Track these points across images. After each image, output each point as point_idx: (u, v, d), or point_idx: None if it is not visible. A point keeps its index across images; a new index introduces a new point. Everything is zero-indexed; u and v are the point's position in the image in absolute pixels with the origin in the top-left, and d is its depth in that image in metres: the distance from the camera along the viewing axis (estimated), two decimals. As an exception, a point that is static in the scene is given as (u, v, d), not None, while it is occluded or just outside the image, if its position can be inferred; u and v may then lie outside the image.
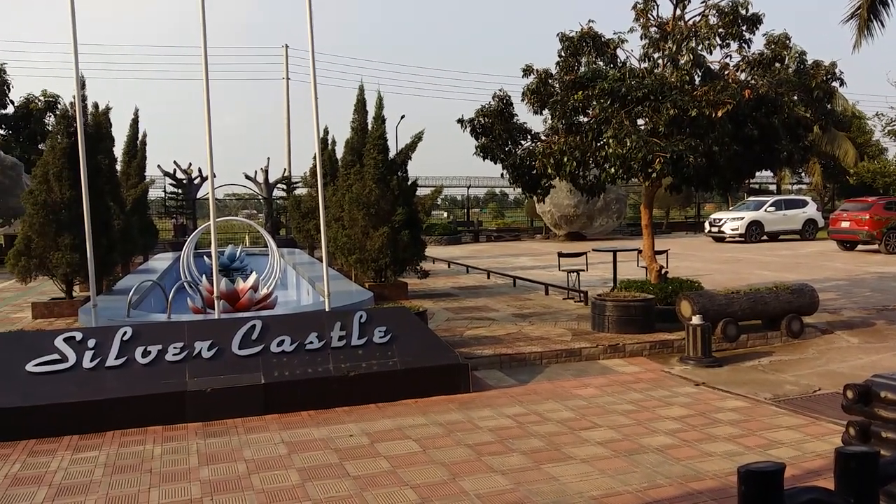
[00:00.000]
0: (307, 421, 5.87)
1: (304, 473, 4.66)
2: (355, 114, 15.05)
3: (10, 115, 26.50)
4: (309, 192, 21.55)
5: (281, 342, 6.49)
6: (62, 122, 11.31)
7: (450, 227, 33.70)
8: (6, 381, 5.74)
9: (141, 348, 6.13)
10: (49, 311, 11.03)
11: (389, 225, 12.21)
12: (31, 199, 11.05)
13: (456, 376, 6.68)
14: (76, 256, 10.67)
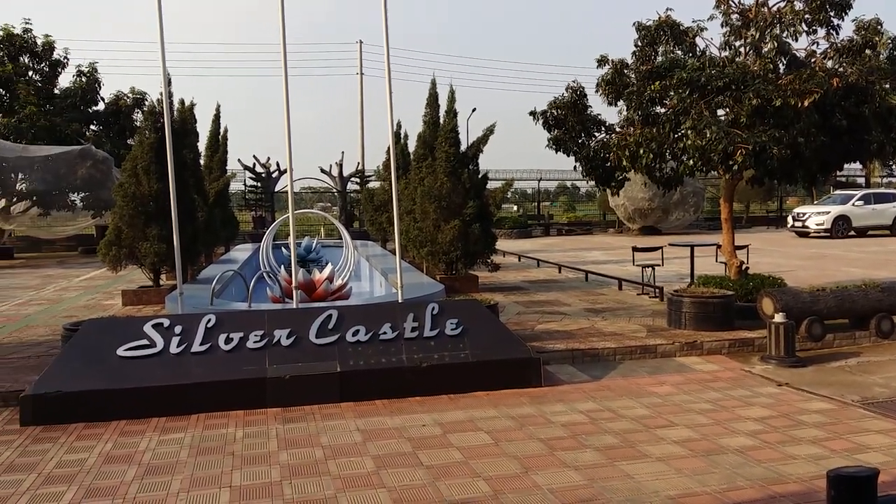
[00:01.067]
0: (381, 410, 5.98)
1: (378, 461, 4.76)
2: (427, 108, 15.15)
3: (101, 112, 27.85)
4: (382, 185, 21.83)
5: (356, 332, 6.62)
6: (150, 118, 11.85)
7: (520, 220, 33.53)
8: (100, 365, 6.07)
9: (224, 335, 6.37)
10: (138, 298, 11.59)
11: (460, 218, 12.25)
12: (121, 191, 11.64)
13: (527, 370, 6.66)
14: (163, 246, 11.17)
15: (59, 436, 5.41)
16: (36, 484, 4.45)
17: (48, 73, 27.36)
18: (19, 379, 6.67)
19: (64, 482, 4.48)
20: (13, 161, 21.32)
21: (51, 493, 4.32)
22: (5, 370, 7.13)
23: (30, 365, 7.30)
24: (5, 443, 5.27)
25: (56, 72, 27.54)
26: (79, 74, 27.52)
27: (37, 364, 7.25)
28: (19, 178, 21.87)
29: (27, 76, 26.69)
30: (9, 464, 4.82)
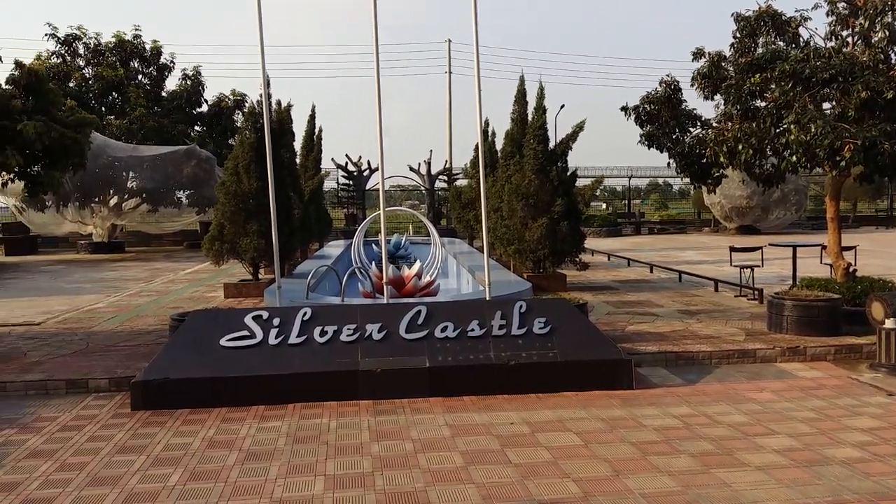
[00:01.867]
0: (469, 406, 6.02)
1: (467, 457, 4.80)
2: (515, 105, 15.09)
3: (204, 114, 29.33)
4: (469, 183, 21.94)
5: (444, 328, 6.69)
6: (250, 119, 12.37)
7: (609, 218, 32.91)
8: (204, 354, 6.40)
9: (319, 328, 6.59)
10: (238, 291, 12.13)
11: (548, 216, 12.15)
12: (223, 189, 12.21)
13: (618, 371, 6.54)
14: (262, 242, 11.65)
15: (166, 420, 5.74)
16: (145, 465, 4.75)
17: (156, 77, 29.03)
18: (131, 366, 7.12)
19: (170, 464, 4.75)
20: (125, 160, 22.74)
21: (159, 474, 4.59)
22: (118, 357, 7.63)
23: (140, 353, 7.78)
24: (118, 425, 5.64)
25: (163, 75, 29.19)
26: (184, 78, 29.05)
27: (146, 352, 7.72)
28: (130, 176, 23.31)
29: (137, 80, 28.40)
30: (121, 445, 5.16)
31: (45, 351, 8.01)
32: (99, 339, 8.65)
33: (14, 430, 5.53)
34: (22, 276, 16.75)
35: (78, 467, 4.71)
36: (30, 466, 4.73)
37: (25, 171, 8.25)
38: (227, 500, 4.15)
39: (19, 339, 8.80)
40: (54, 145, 7.84)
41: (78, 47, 28.17)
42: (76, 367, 7.14)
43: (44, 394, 6.59)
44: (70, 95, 22.37)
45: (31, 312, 10.83)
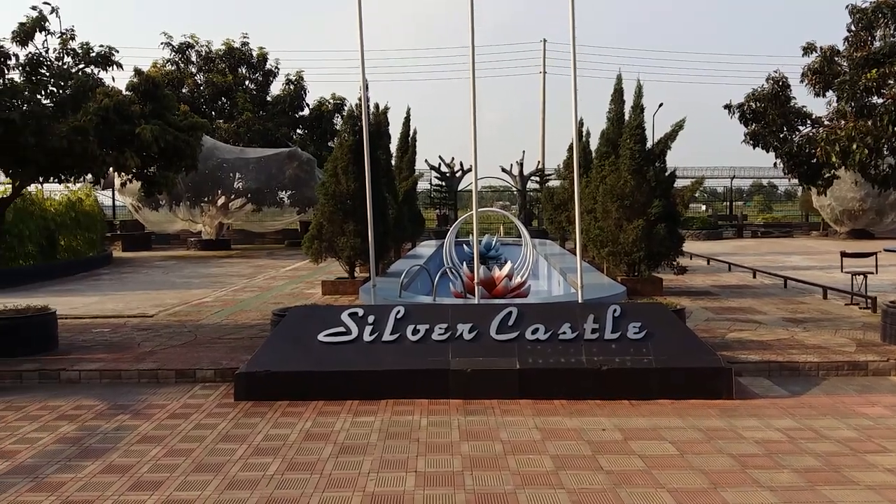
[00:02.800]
0: (559, 409, 5.97)
1: (557, 461, 4.76)
2: (612, 104, 14.81)
3: (306, 117, 30.40)
4: (562, 183, 21.69)
5: (535, 330, 6.66)
6: (348, 122, 12.73)
7: (709, 220, 31.69)
8: (303, 348, 6.64)
9: (411, 326, 6.71)
10: (335, 288, 12.51)
11: (644, 217, 11.85)
12: (322, 190, 12.63)
13: (717, 380, 6.31)
14: (358, 241, 11.97)
15: (266, 411, 6.00)
16: (247, 454, 4.98)
17: (262, 83, 30.32)
18: (235, 357, 7.48)
19: (270, 454, 4.97)
20: (232, 162, 23.89)
21: (259, 463, 4.81)
22: (224, 349, 8.03)
23: (244, 345, 8.16)
24: (222, 414, 5.94)
25: (268, 81, 30.46)
26: (287, 83, 30.21)
27: (249, 345, 8.09)
28: (237, 177, 24.47)
29: (244, 85, 29.75)
30: (225, 434, 5.43)
31: (157, 342, 8.54)
32: (206, 332, 9.14)
33: (128, 415, 5.93)
34: (137, 270, 17.92)
35: (184, 453, 5.00)
36: (141, 451, 5.06)
37: (142, 172, 8.79)
38: (322, 491, 4.30)
39: (134, 329, 9.41)
40: (169, 148, 8.33)
41: (191, 55, 29.82)
42: (185, 358, 7.58)
43: (155, 382, 7.03)
44: (183, 100, 23.74)
45: (144, 305, 11.57)
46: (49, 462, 4.83)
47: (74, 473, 4.62)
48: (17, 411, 6.07)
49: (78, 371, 7.15)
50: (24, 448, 5.12)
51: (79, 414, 5.97)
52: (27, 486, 4.41)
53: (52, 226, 16.97)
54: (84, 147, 7.53)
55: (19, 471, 4.68)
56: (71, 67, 8.43)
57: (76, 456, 4.95)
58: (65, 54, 8.44)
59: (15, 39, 8.04)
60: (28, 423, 5.74)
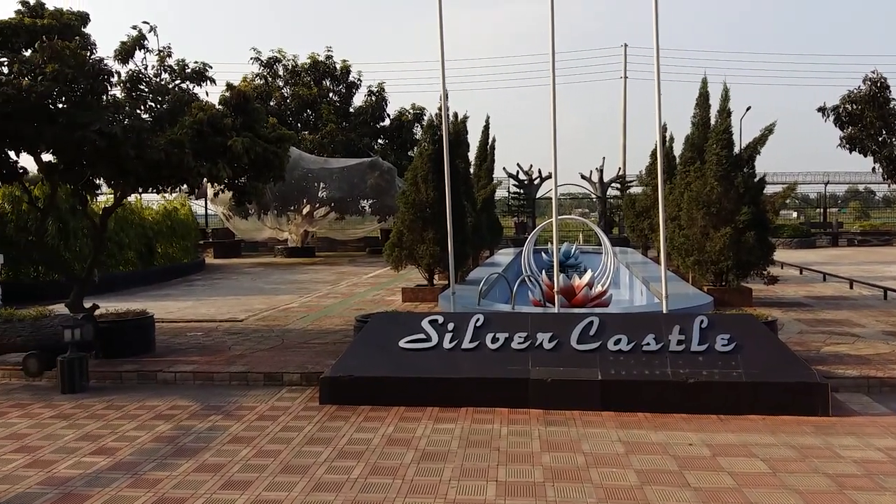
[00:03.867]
0: (643, 423, 5.82)
1: (642, 476, 4.65)
2: (697, 108, 14.37)
3: (386, 127, 30.94)
4: (644, 190, 21.21)
5: (617, 341, 6.53)
6: (428, 132, 12.89)
7: (801, 228, 30.28)
8: (385, 354, 6.75)
9: (491, 334, 6.71)
10: (415, 295, 12.66)
11: (732, 225, 11.44)
12: (403, 198, 12.82)
13: (811, 396, 6.01)
14: (437, 249, 12.09)
15: (349, 415, 6.13)
16: (331, 457, 5.10)
17: (345, 94, 31.07)
18: (320, 362, 7.68)
19: (353, 458, 5.06)
20: (316, 172, 24.58)
21: (343, 466, 4.91)
22: (309, 353, 8.26)
23: (328, 350, 8.36)
24: (307, 417, 6.10)
25: (351, 92, 31.18)
26: (369, 94, 30.84)
27: (334, 350, 8.28)
28: (321, 186, 25.15)
29: (328, 97, 30.56)
30: (310, 437, 5.58)
31: (247, 345, 8.86)
32: (292, 337, 9.42)
33: (220, 416, 6.18)
34: (228, 276, 18.67)
35: (272, 454, 5.16)
36: (232, 451, 5.27)
37: (234, 183, 9.17)
38: (405, 497, 4.35)
39: (225, 333, 9.81)
40: (258, 159, 8.65)
41: (278, 69, 30.88)
42: (273, 362, 7.83)
43: (245, 385, 7.29)
44: (271, 113, 24.59)
45: (235, 310, 12.03)
46: (147, 459, 5.09)
47: (170, 471, 4.84)
48: (118, 410, 6.43)
49: (173, 373, 7.51)
50: (124, 445, 5.41)
51: (174, 414, 6.26)
52: (127, 483, 4.66)
53: (150, 234, 17.90)
54: (180, 159, 7.92)
55: (120, 467, 4.95)
56: (168, 83, 8.89)
57: (171, 454, 5.20)
58: (162, 71, 8.91)
59: (117, 58, 8.54)
60: (127, 421, 6.06)
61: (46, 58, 7.64)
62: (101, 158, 7.76)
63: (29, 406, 6.62)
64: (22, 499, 4.38)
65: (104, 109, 8.02)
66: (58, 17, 8.26)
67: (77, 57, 7.79)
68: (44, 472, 4.86)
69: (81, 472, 4.83)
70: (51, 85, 7.56)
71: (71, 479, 4.72)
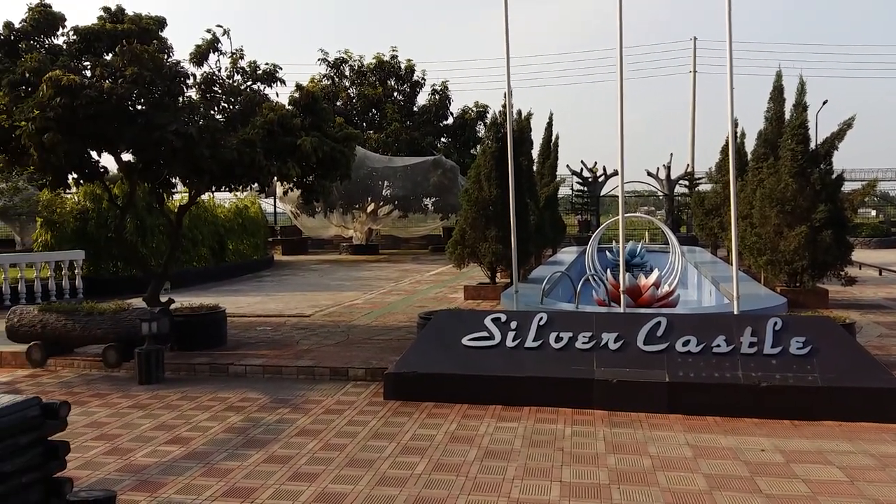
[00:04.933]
0: (713, 426, 5.67)
1: (711, 481, 4.53)
2: (770, 102, 13.92)
3: (450, 126, 31.07)
4: (713, 187, 20.62)
5: (686, 342, 6.38)
6: (491, 129, 12.88)
7: (881, 227, 28.91)
8: (448, 352, 6.78)
9: (554, 334, 6.65)
10: (477, 293, 12.68)
11: (808, 224, 11.02)
12: (465, 196, 12.85)
13: (892, 403, 5.73)
14: (500, 247, 12.06)
15: (413, 411, 6.18)
16: (395, 452, 5.16)
17: (409, 94, 31.36)
18: (384, 358, 7.78)
19: (416, 454, 5.11)
20: (381, 171, 24.89)
21: (407, 462, 4.96)
22: (374, 349, 8.37)
23: (392, 346, 8.46)
24: (372, 412, 6.19)
25: (415, 91, 31.45)
26: (433, 93, 31.04)
27: (397, 346, 8.37)
28: (385, 185, 25.46)
29: (393, 97, 30.90)
30: (375, 431, 5.66)
31: (314, 340, 9.05)
32: (357, 332, 9.57)
33: (287, 409, 6.34)
34: (295, 273, 19.11)
35: (338, 448, 5.26)
36: (299, 443, 5.39)
37: (302, 181, 9.38)
38: (468, 494, 4.37)
39: (293, 328, 10.04)
40: (326, 158, 8.82)
41: (344, 70, 31.41)
42: (338, 357, 7.98)
43: (311, 379, 7.46)
44: (338, 113, 25.05)
45: (302, 305, 12.31)
46: (218, 450, 5.27)
47: (240, 462, 5.00)
48: (192, 401, 6.67)
49: (244, 366, 7.74)
50: (197, 435, 5.61)
51: (244, 406, 6.45)
52: (200, 472, 4.83)
53: (222, 231, 18.48)
54: (252, 158, 8.15)
55: (193, 456, 5.13)
56: (240, 84, 9.16)
57: (242, 445, 5.36)
58: (235, 73, 9.18)
59: (192, 60, 8.86)
60: (201, 412, 6.29)
61: (126, 61, 7.98)
62: (177, 158, 8.06)
63: (108, 396, 6.94)
64: (102, 484, 4.60)
65: (180, 110, 8.33)
66: (137, 22, 8.61)
67: (155, 60, 8.12)
68: (122, 459, 5.09)
69: (157, 461, 5.03)
70: (130, 87, 7.89)
71: (147, 466, 4.93)
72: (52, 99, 7.38)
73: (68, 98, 7.43)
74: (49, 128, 7.46)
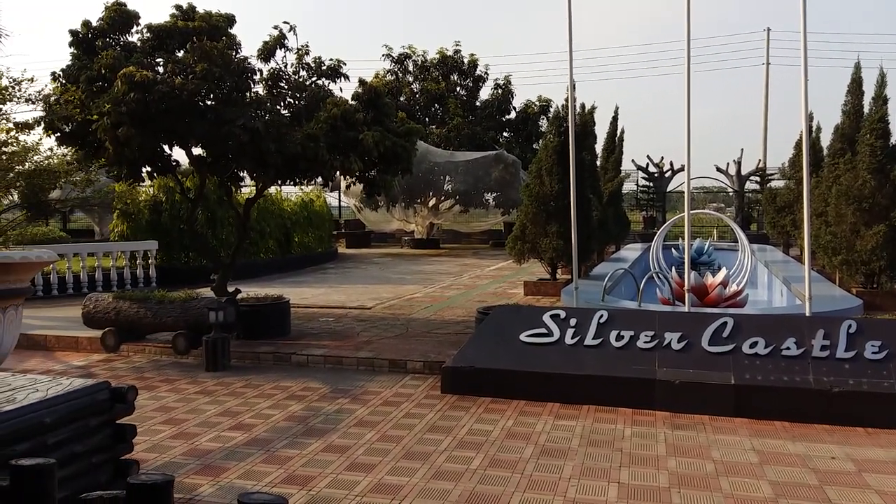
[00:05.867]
0: (780, 432, 5.47)
1: (777, 488, 4.36)
2: (848, 95, 13.29)
3: (512, 120, 30.89)
4: (786, 184, 19.86)
5: (754, 344, 6.17)
6: (554, 123, 12.72)
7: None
8: (506, 347, 6.74)
9: (615, 332, 6.53)
10: (536, 289, 12.57)
11: (886, 222, 10.49)
12: (527, 191, 12.74)
13: (980, 413, 5.40)
14: (561, 243, 11.92)
15: (470, 406, 6.18)
16: (451, 446, 5.16)
17: (471, 88, 31.31)
18: (442, 352, 7.80)
19: (473, 449, 5.10)
20: (442, 165, 24.96)
21: (462, 456, 4.96)
22: (432, 343, 8.41)
23: (450, 340, 8.48)
24: (430, 405, 6.22)
25: (478, 86, 31.38)
26: (496, 87, 30.90)
27: (455, 340, 8.38)
28: (446, 179, 25.51)
29: (455, 92, 30.91)
30: (431, 425, 5.68)
31: (374, 332, 9.16)
32: (416, 326, 9.63)
33: (347, 399, 6.43)
34: (358, 265, 19.38)
35: (395, 440, 5.30)
36: (357, 433, 5.46)
37: (364, 175, 9.49)
38: (523, 492, 4.33)
39: (354, 320, 10.18)
40: (388, 152, 8.91)
41: (408, 65, 31.59)
42: (397, 349, 8.05)
43: (370, 370, 7.54)
44: (400, 108, 25.24)
45: (363, 298, 12.47)
46: (279, 437, 5.38)
47: (300, 450, 5.10)
48: (255, 388, 6.85)
49: (306, 356, 7.89)
50: (260, 423, 5.75)
51: (305, 395, 6.58)
52: (261, 458, 4.95)
53: (289, 224, 18.90)
54: (315, 152, 8.30)
55: (255, 443, 5.26)
56: (305, 80, 9.33)
57: (302, 433, 5.47)
58: (300, 68, 9.36)
59: (260, 56, 9.07)
60: (263, 400, 6.44)
61: (196, 58, 8.23)
62: (244, 152, 8.28)
63: (176, 381, 7.19)
64: (168, 468, 4.77)
65: (248, 106, 8.54)
66: (207, 20, 8.86)
67: (224, 56, 8.34)
68: (187, 443, 5.26)
69: (220, 446, 5.18)
70: (200, 83, 8.14)
71: (211, 451, 5.08)
72: (126, 94, 7.67)
73: (141, 93, 7.72)
74: (123, 122, 7.77)
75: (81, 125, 8.23)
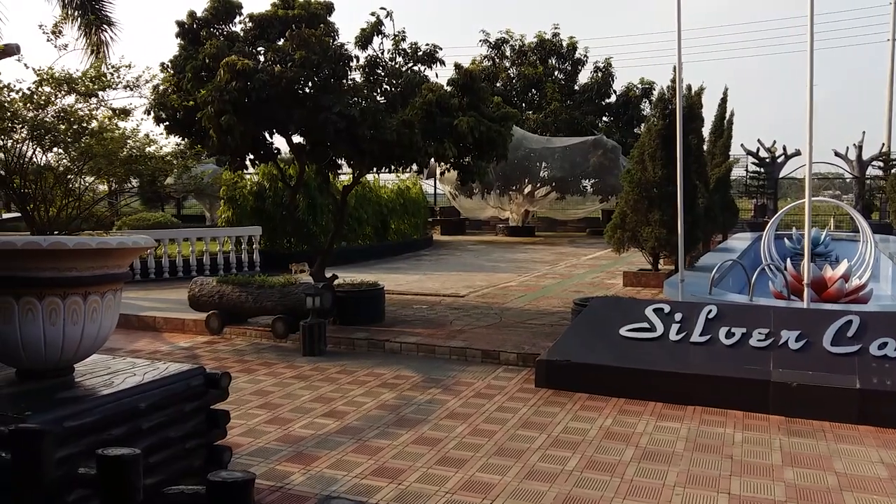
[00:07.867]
0: (915, 445, 4.92)
1: (914, 509, 3.91)
2: None
3: (612, 104, 29.96)
4: (917, 169, 18.22)
5: (883, 345, 5.60)
6: (658, 106, 12.11)
7: None
8: (604, 341, 6.44)
9: (725, 328, 6.09)
10: (637, 280, 12.08)
11: None
12: (627, 177, 12.23)
13: None
14: (664, 232, 11.37)
15: (565, 402, 5.93)
16: (545, 444, 4.95)
17: (570, 72, 30.59)
18: (536, 343, 7.57)
19: (568, 448, 4.87)
20: (539, 151, 24.53)
21: (558, 455, 4.73)
22: (526, 334, 8.19)
23: (545, 332, 8.23)
24: (523, 399, 6.01)
25: (577, 70, 30.62)
26: (595, 70, 30.05)
27: (550, 332, 8.13)
28: (542, 166, 25.07)
29: (553, 76, 30.28)
30: (525, 420, 5.48)
31: (467, 321, 9.03)
32: (510, 315, 9.43)
33: (439, 389, 6.32)
34: (452, 253, 19.35)
35: (487, 434, 5.14)
36: (448, 426, 5.33)
37: (459, 162, 9.34)
38: (623, 498, 4.07)
39: (447, 308, 10.10)
40: (482, 138, 8.72)
41: (505, 50, 31.22)
42: (490, 339, 7.88)
43: (463, 360, 7.42)
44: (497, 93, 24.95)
45: (457, 285, 12.38)
46: (371, 426, 5.33)
47: (391, 440, 5.02)
48: (349, 375, 6.86)
49: (399, 343, 7.86)
50: (352, 410, 5.73)
51: (398, 383, 6.53)
52: (352, 447, 4.91)
53: (385, 211, 19.10)
54: (410, 139, 8.21)
55: (346, 431, 5.24)
56: (401, 66, 9.26)
57: (393, 423, 5.40)
58: (396, 55, 9.29)
59: (357, 43, 9.06)
60: (356, 387, 6.44)
61: (295, 45, 8.30)
62: (340, 139, 8.30)
63: (274, 365, 7.32)
64: (262, 453, 4.80)
65: (344, 93, 8.55)
66: (306, 8, 8.93)
67: (322, 44, 8.37)
68: (281, 429, 5.30)
69: (313, 433, 5.19)
70: (299, 71, 8.20)
71: (303, 438, 5.09)
72: (228, 83, 7.83)
73: (243, 82, 7.86)
74: (226, 110, 7.94)
75: (187, 114, 8.49)
